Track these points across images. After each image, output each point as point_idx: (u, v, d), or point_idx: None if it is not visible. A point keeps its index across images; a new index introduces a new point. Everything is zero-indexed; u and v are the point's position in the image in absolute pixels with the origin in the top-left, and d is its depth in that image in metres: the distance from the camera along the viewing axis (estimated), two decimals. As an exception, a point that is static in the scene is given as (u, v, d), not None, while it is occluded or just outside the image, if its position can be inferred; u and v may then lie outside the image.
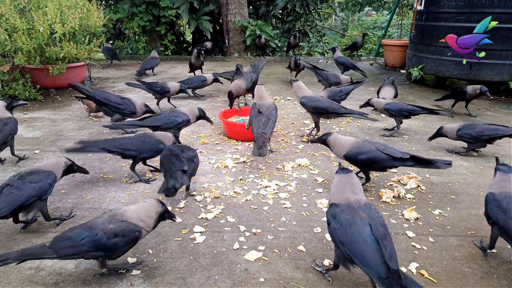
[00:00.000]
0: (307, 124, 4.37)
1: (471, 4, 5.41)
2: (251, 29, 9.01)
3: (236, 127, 3.86)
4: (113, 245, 1.79)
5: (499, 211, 1.97)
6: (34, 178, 2.24)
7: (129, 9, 8.88)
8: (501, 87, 5.76)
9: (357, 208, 1.76)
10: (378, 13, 15.97)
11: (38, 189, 2.21)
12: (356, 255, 1.64)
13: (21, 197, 2.14)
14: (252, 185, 2.92)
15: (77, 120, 4.48)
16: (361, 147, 2.69)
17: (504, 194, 2.03)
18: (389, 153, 2.63)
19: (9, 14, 4.98)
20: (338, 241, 1.73)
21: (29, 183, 2.20)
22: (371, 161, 2.65)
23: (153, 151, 2.92)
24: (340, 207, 1.79)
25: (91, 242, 1.76)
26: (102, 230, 1.79)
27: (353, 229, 1.69)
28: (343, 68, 6.80)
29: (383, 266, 1.57)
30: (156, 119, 3.42)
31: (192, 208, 2.58)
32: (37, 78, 5.50)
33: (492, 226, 2.05)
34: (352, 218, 1.72)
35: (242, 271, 1.97)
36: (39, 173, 2.28)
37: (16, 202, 2.12)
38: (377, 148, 2.67)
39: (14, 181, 2.21)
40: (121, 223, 1.83)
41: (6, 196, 2.13)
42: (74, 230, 1.83)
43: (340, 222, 1.74)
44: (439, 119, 4.60)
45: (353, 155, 2.70)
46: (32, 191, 2.18)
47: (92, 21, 5.79)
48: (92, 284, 1.86)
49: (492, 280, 1.92)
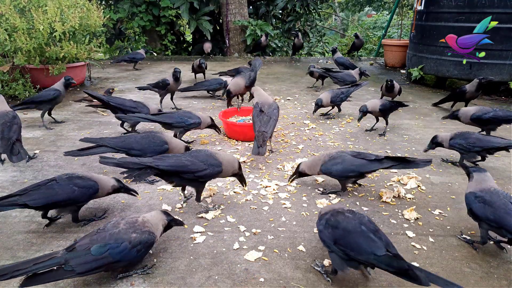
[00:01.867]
0: (307, 124, 4.37)
1: (471, 4, 5.41)
2: (251, 29, 9.01)
3: (236, 127, 3.86)
4: (138, 254, 1.80)
5: (485, 206, 2.03)
6: (80, 182, 2.23)
7: (129, 9, 8.88)
8: (501, 87, 5.76)
9: (342, 211, 1.91)
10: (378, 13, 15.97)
11: (79, 194, 2.20)
12: (352, 246, 1.74)
13: (59, 196, 2.15)
14: (252, 185, 2.92)
15: (77, 120, 4.48)
16: (334, 158, 2.69)
17: (485, 190, 2.11)
18: (363, 157, 2.63)
19: (9, 14, 4.98)
20: (331, 241, 1.81)
21: (73, 185, 2.19)
22: (347, 170, 2.63)
23: (157, 151, 2.87)
24: (328, 213, 1.93)
25: (117, 253, 1.74)
26: (127, 240, 1.78)
27: (344, 225, 1.82)
28: (343, 69, 6.81)
29: (379, 248, 1.69)
30: (169, 116, 3.47)
31: (192, 208, 2.58)
32: (37, 78, 5.49)
33: (480, 222, 2.09)
34: (340, 217, 1.87)
35: (242, 271, 1.97)
36: (87, 180, 2.27)
37: (52, 198, 2.13)
38: (351, 155, 2.68)
39: (62, 178, 2.22)
40: (144, 232, 1.85)
41: (47, 189, 2.15)
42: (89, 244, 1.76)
43: (330, 223, 1.86)
44: (438, 119, 4.60)
45: (328, 168, 2.68)
46: (72, 194, 2.18)
47: (92, 21, 5.79)
48: (92, 284, 1.86)
49: (492, 280, 1.92)
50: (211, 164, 2.41)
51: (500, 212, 1.97)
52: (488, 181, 2.16)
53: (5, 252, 2.09)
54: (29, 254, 2.07)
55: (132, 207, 2.58)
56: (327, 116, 4.68)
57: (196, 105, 5.15)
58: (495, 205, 2.01)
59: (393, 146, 3.74)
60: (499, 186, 2.88)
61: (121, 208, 2.56)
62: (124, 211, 2.52)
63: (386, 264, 1.66)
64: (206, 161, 2.41)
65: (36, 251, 2.10)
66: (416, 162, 2.56)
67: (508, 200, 2.03)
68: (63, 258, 1.71)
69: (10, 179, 2.96)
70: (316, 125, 4.35)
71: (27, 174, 3.03)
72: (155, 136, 2.97)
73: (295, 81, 6.71)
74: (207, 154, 2.47)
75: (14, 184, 2.86)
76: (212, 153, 2.50)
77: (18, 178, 2.97)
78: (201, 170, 2.36)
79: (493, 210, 2.00)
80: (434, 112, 4.93)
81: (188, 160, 2.37)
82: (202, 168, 2.37)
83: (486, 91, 5.81)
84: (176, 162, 2.34)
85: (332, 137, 3.98)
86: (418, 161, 2.56)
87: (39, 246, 2.15)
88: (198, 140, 3.88)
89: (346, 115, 4.74)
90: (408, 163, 2.57)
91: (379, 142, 3.85)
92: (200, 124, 3.55)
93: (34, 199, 2.10)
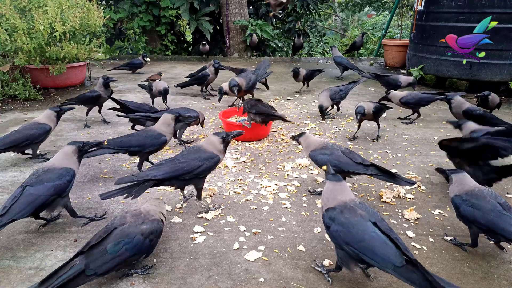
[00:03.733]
0: (307, 124, 4.37)
1: (471, 4, 5.41)
2: (251, 29, 9.01)
3: (236, 127, 3.86)
4: (151, 243, 1.87)
5: (474, 210, 2.01)
6: (51, 176, 2.20)
7: (129, 9, 8.88)
8: (501, 87, 5.76)
9: (354, 207, 1.78)
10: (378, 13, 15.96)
11: (57, 188, 2.18)
12: (367, 253, 1.65)
13: (40, 198, 2.12)
14: (252, 185, 2.92)
15: (77, 120, 4.48)
16: (325, 149, 2.67)
17: (469, 192, 2.08)
18: (351, 157, 2.58)
19: (9, 14, 4.98)
20: (342, 242, 1.72)
21: (46, 183, 2.16)
22: (331, 163, 2.56)
23: (156, 144, 2.90)
24: (337, 209, 1.79)
25: (132, 247, 1.78)
26: (139, 232, 1.83)
27: (358, 228, 1.70)
28: (342, 68, 6.81)
29: (396, 256, 1.59)
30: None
31: (192, 208, 2.58)
32: (37, 78, 5.50)
33: (470, 225, 2.07)
34: (353, 218, 1.73)
35: (242, 271, 1.97)
36: (55, 171, 2.23)
37: (35, 203, 2.11)
38: (342, 150, 2.66)
39: (33, 181, 2.17)
40: (153, 221, 1.91)
41: (26, 197, 2.10)
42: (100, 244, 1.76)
43: (341, 223, 1.74)
44: (438, 119, 4.60)
45: (315, 155, 2.67)
46: (51, 191, 2.16)
47: (92, 21, 5.79)
48: (92, 284, 1.86)
49: (492, 280, 1.92)
50: (205, 158, 2.41)
51: (490, 216, 1.95)
52: (468, 181, 2.14)
53: (5, 252, 2.09)
54: (29, 254, 2.07)
55: (132, 207, 2.57)
56: (327, 116, 4.68)
57: (196, 105, 5.15)
58: (485, 208, 1.98)
59: (393, 146, 3.74)
60: (499, 186, 2.89)
61: (121, 208, 2.56)
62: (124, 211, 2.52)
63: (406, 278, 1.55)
64: (199, 157, 2.40)
65: (36, 251, 2.10)
66: (399, 179, 2.41)
67: (495, 199, 2.02)
68: (83, 264, 1.71)
69: (10, 179, 2.96)
70: (316, 125, 4.35)
71: (27, 174, 3.03)
72: (149, 130, 2.99)
73: (296, 81, 6.71)
74: (196, 150, 2.47)
75: (14, 184, 2.87)
76: (199, 147, 2.49)
77: (18, 178, 2.97)
78: (198, 167, 2.36)
79: (482, 214, 1.97)
80: (434, 112, 4.93)
81: (181, 162, 2.36)
82: (198, 165, 2.37)
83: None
84: (172, 168, 2.32)
85: (332, 137, 3.98)
86: (401, 179, 2.41)
87: (39, 246, 2.15)
88: (198, 140, 3.88)
89: (346, 115, 4.74)
90: (392, 178, 2.43)
91: (379, 142, 3.85)
92: (198, 117, 3.66)
93: None
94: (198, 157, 2.40)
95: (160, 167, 2.34)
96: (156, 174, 2.27)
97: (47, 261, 2.02)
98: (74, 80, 5.92)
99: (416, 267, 1.56)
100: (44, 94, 5.52)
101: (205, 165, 2.39)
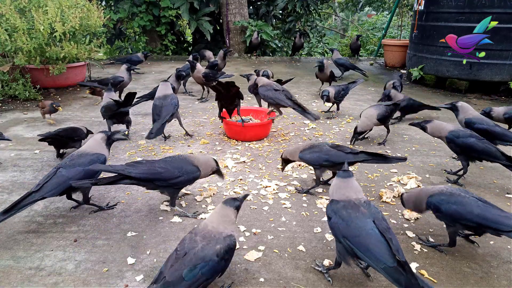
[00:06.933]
0: (307, 124, 4.37)
1: (471, 4, 5.41)
2: (251, 29, 9.01)
3: (236, 127, 3.86)
4: (226, 263, 1.75)
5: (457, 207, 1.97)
6: (83, 161, 2.36)
7: (129, 9, 8.89)
8: (501, 87, 5.76)
9: (358, 204, 1.79)
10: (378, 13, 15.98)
11: (87, 173, 2.32)
12: (360, 248, 1.66)
13: (70, 181, 2.24)
14: (252, 185, 2.92)
15: (76, 120, 4.48)
16: (313, 147, 2.78)
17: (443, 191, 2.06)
18: (340, 149, 2.70)
19: (9, 14, 4.99)
20: (340, 235, 1.74)
21: (78, 167, 2.33)
22: (321, 159, 2.69)
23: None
24: (341, 203, 1.82)
25: (208, 270, 1.66)
26: (214, 254, 1.69)
27: (356, 223, 1.71)
28: (343, 69, 6.81)
29: (389, 256, 1.59)
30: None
31: (192, 208, 2.58)
32: (37, 78, 5.50)
33: (454, 224, 2.02)
34: (354, 213, 1.75)
35: (242, 271, 1.97)
36: (87, 156, 2.40)
37: (65, 185, 2.26)
38: (330, 146, 2.76)
39: (66, 164, 2.34)
40: (225, 239, 1.76)
41: (58, 178, 2.28)
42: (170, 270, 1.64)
43: (342, 217, 1.76)
44: (438, 119, 4.59)
45: (304, 155, 2.76)
46: (81, 174, 2.31)
47: (92, 21, 5.79)
48: (92, 284, 1.86)
49: (492, 280, 1.92)
50: (186, 171, 2.37)
51: (477, 210, 1.92)
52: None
53: (5, 252, 2.09)
54: (29, 254, 2.07)
55: (132, 207, 2.58)
56: (327, 115, 4.68)
57: (196, 106, 5.15)
58: (467, 204, 1.96)
59: (393, 146, 3.74)
60: (499, 186, 2.89)
61: (121, 208, 2.56)
62: (124, 211, 2.52)
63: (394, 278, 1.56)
64: (181, 168, 2.36)
65: (36, 251, 2.10)
66: (390, 158, 2.62)
67: (470, 195, 2.01)
68: None
69: (10, 179, 2.96)
70: (316, 125, 4.35)
71: (27, 174, 3.04)
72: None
73: (295, 81, 6.71)
74: (182, 160, 2.42)
75: (14, 184, 2.87)
76: (188, 158, 2.45)
77: (18, 178, 2.97)
78: (175, 178, 2.33)
79: (468, 210, 1.94)
80: (434, 113, 4.92)
81: (161, 167, 2.33)
82: (176, 176, 2.33)
83: (486, 91, 5.82)
84: (149, 169, 2.29)
85: (332, 137, 3.98)
86: (392, 158, 2.63)
87: (39, 246, 2.15)
88: (199, 140, 3.87)
89: (346, 115, 4.74)
90: (384, 159, 2.62)
91: (379, 142, 3.84)
92: None
93: None
94: (180, 168, 2.37)
95: (139, 166, 2.31)
96: (132, 171, 2.25)
97: (47, 261, 2.02)
98: (74, 80, 5.91)
99: (404, 269, 1.56)
100: (44, 94, 5.53)
101: (183, 177, 2.37)
